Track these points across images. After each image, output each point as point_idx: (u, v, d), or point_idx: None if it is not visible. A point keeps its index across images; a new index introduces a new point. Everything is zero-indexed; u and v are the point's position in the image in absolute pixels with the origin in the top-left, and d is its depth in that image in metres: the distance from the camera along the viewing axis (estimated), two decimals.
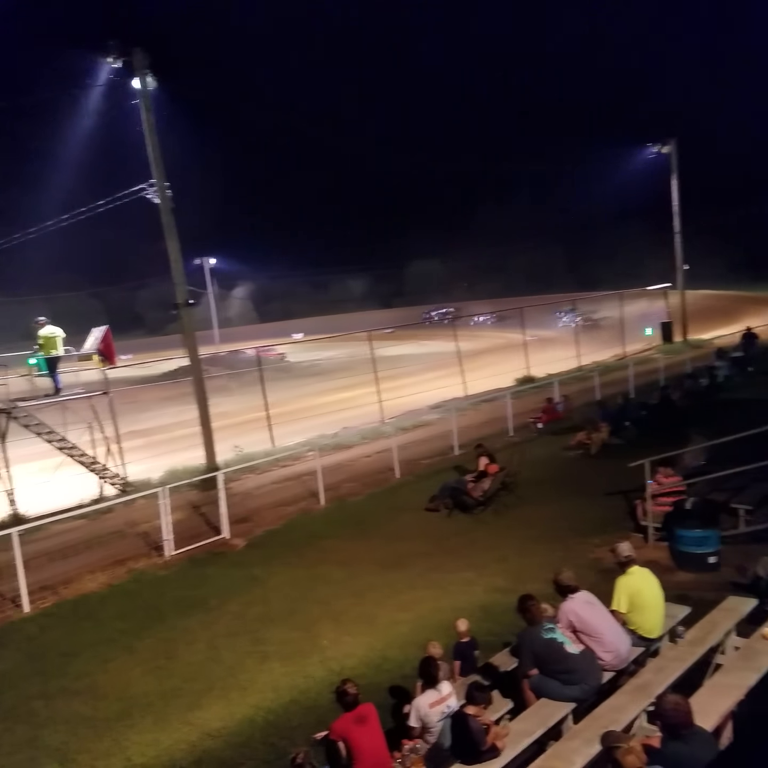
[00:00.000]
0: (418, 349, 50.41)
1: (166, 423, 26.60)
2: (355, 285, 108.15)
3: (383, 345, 31.05)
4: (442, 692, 5.85)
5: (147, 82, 17.04)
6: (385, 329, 47.98)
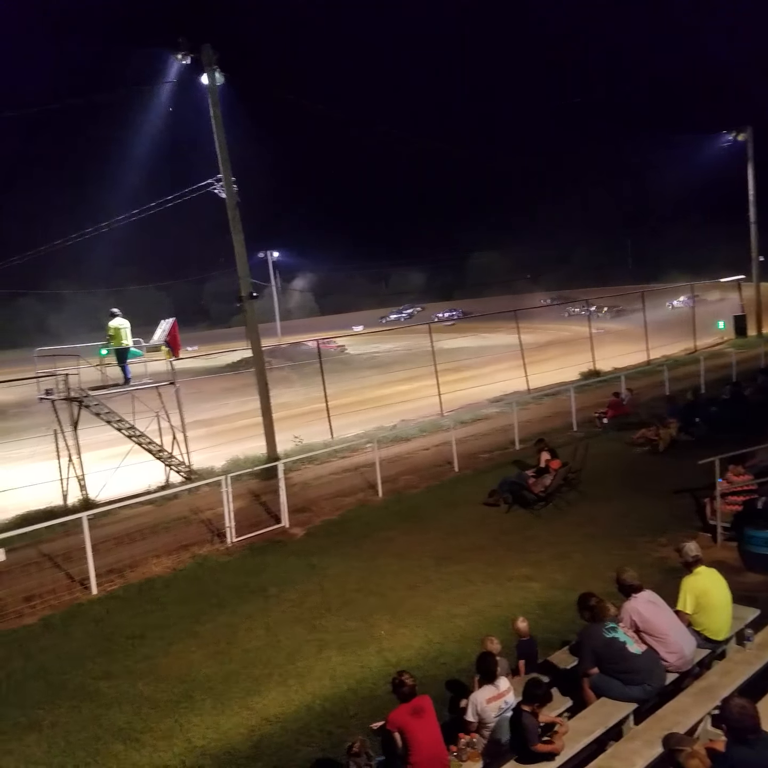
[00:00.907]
0: (478, 341, 49.98)
1: (229, 413, 27.22)
2: (415, 277, 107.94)
3: (443, 337, 30.92)
4: (499, 688, 5.80)
5: (215, 77, 17.38)
6: (445, 321, 47.84)
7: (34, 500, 15.67)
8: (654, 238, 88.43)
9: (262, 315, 25.21)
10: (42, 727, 7.53)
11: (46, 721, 7.64)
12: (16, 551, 11.32)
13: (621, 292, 53.63)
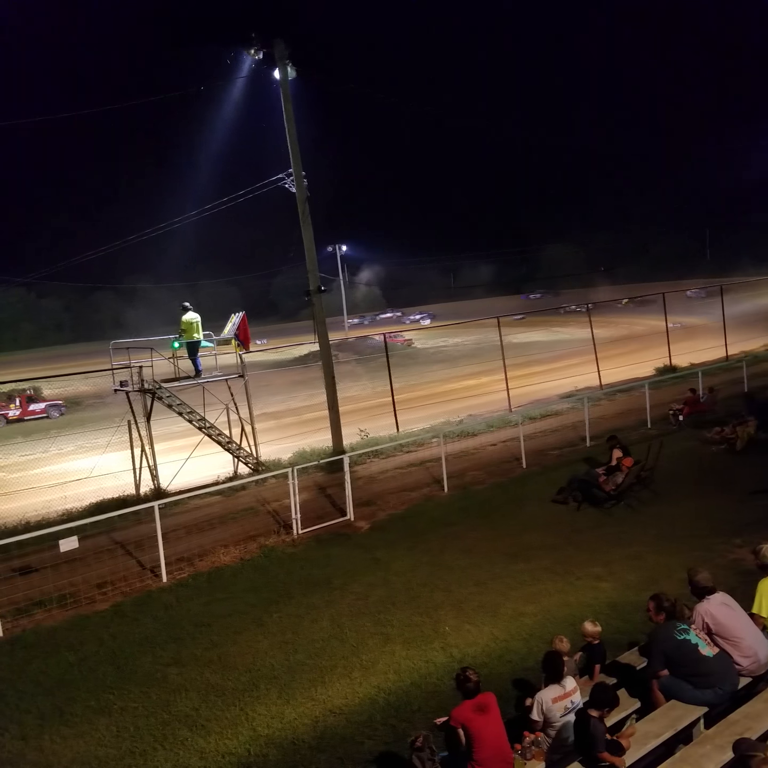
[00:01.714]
0: (549, 336, 49.10)
1: (296, 406, 27.66)
2: (484, 270, 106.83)
3: (513, 332, 30.52)
4: (566, 687, 5.70)
5: (287, 72, 17.61)
6: (515, 315, 47.11)
7: (109, 489, 16.32)
8: (733, 230, 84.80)
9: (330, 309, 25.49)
10: (112, 711, 7.81)
11: (116, 705, 7.93)
12: (89, 539, 11.80)
13: (696, 286, 51.73)
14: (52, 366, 50.06)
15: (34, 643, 9.73)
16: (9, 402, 36.71)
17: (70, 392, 39.33)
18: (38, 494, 17.45)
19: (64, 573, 11.33)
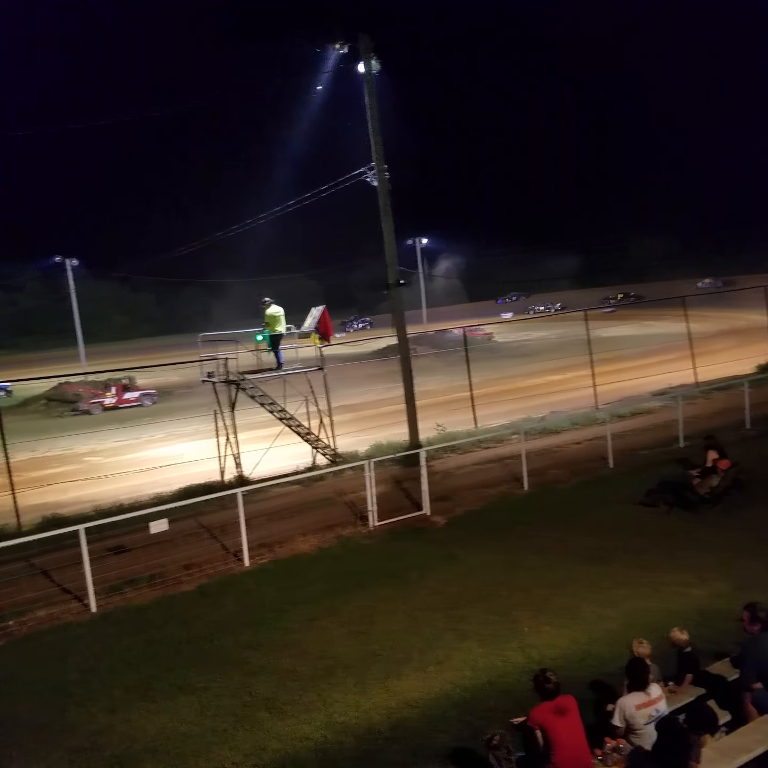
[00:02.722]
0: (641, 330, 47.50)
1: (374, 399, 27.84)
2: (569, 262, 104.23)
3: (601, 325, 29.63)
4: (651, 695, 5.52)
5: (371, 65, 17.70)
6: (604, 308, 45.86)
7: (196, 475, 16.96)
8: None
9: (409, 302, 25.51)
10: (194, 690, 8.09)
11: (198, 684, 8.21)
12: (178, 522, 12.28)
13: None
14: (145, 357, 52.32)
15: (123, 619, 10.25)
16: (105, 390, 38.71)
17: (162, 382, 41.10)
18: (131, 478, 18.37)
19: (153, 554, 11.90)
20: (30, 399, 41.47)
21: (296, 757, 6.73)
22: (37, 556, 12.12)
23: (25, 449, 21.48)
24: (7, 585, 11.03)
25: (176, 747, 7.04)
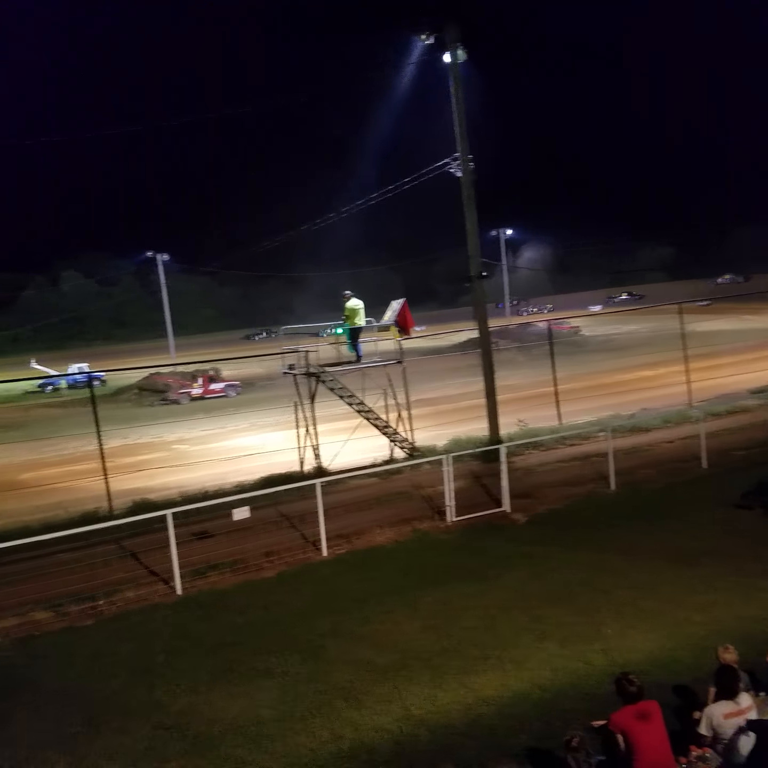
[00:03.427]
0: (738, 324, 45.32)
1: (453, 393, 27.72)
2: (661, 253, 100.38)
3: (696, 319, 28.38)
4: (740, 704, 5.30)
5: (458, 55, 17.65)
6: (699, 301, 44.04)
7: (276, 464, 17.40)
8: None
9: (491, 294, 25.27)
10: (274, 675, 8.33)
11: (278, 669, 8.44)
12: (259, 510, 12.61)
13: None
14: (230, 349, 54.03)
15: (207, 603, 10.65)
16: (193, 381, 40.29)
17: (245, 373, 42.35)
18: (215, 466, 19.04)
19: (235, 540, 12.31)
20: (123, 388, 43.65)
21: (372, 747, 6.84)
22: (127, 538, 12.77)
23: (117, 436, 22.62)
24: (99, 566, 11.69)
25: (255, 730, 7.27)
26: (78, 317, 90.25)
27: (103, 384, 43.99)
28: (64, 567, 11.54)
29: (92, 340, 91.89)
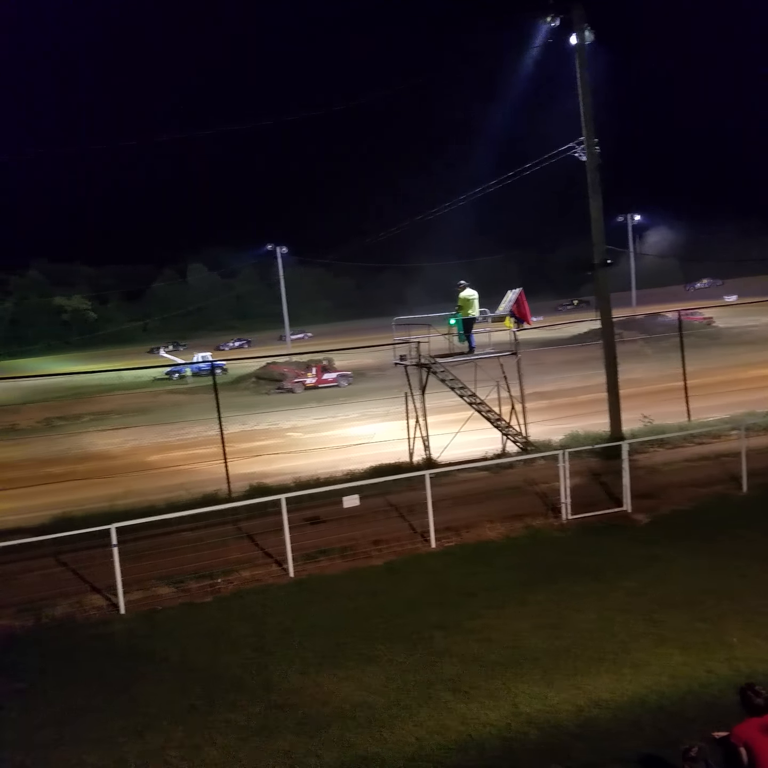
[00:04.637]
0: None
1: (571, 386, 27.09)
2: None
3: None
4: None
5: (584, 36, 17.34)
6: None
7: (386, 455, 17.66)
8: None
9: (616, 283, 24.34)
10: (381, 662, 8.50)
11: (384, 657, 8.60)
12: (367, 499, 12.87)
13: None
14: (343, 340, 55.20)
15: (317, 587, 11.02)
16: (307, 371, 41.65)
17: (357, 364, 43.23)
18: (327, 454, 19.62)
19: (345, 527, 12.66)
20: (242, 377, 45.77)
21: (479, 741, 6.87)
22: (243, 520, 13.39)
23: (236, 422, 23.79)
24: (217, 545, 12.34)
25: (362, 715, 7.46)
26: (202, 308, 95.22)
27: (225, 372, 46.23)
28: (185, 545, 12.26)
29: (215, 330, 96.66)
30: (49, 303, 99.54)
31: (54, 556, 12.40)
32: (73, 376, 45.20)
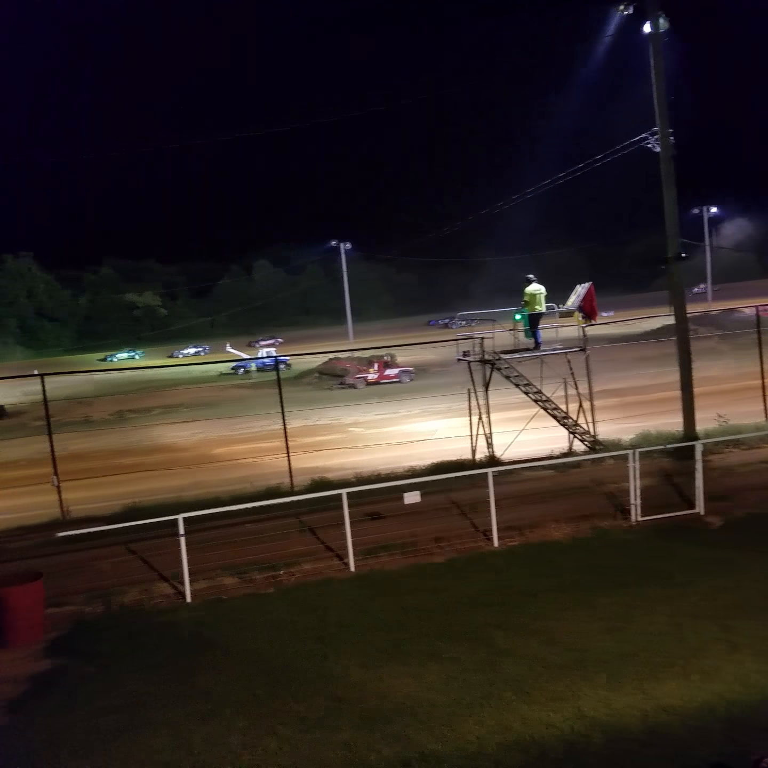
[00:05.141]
0: None
1: (642, 384, 26.47)
2: None
3: None
4: None
5: (659, 24, 17.09)
6: None
7: (447, 451, 17.65)
8: None
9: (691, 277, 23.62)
10: (442, 660, 8.47)
11: (445, 655, 8.57)
12: (429, 495, 12.85)
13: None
14: (405, 335, 55.38)
15: (378, 582, 11.09)
16: (369, 366, 41.95)
17: (419, 360, 43.29)
18: (388, 450, 19.73)
19: (405, 523, 12.71)
20: (305, 372, 46.46)
21: (541, 743, 6.78)
22: (305, 514, 13.60)
23: (299, 417, 24.12)
24: (280, 538, 12.59)
25: (423, 712, 7.44)
26: (267, 304, 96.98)
27: (288, 367, 46.99)
28: (249, 537, 12.55)
29: (280, 326, 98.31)
30: (122, 299, 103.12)
31: (124, 544, 12.87)
32: (144, 370, 46.76)
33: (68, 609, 10.83)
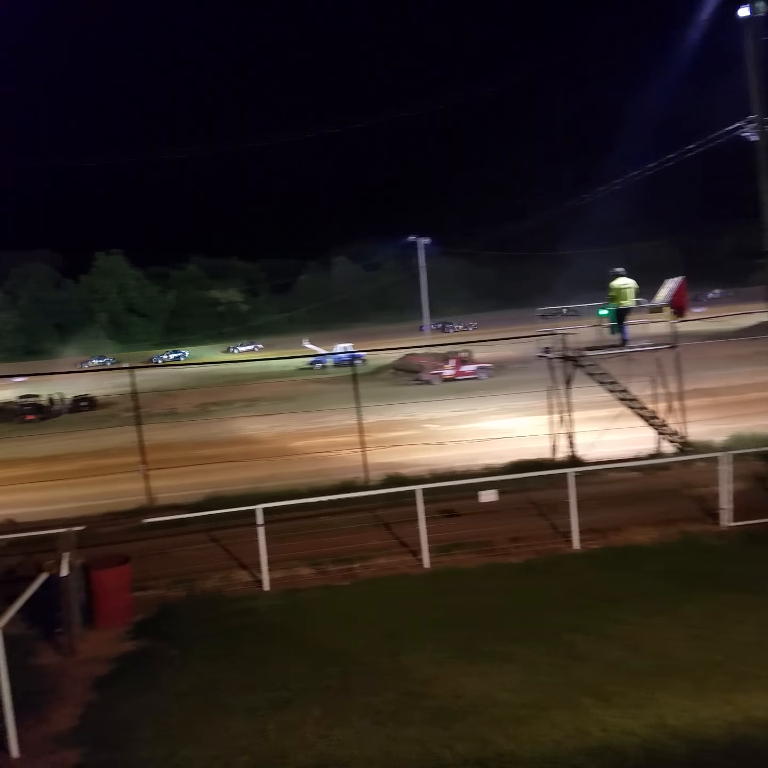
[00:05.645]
0: None
1: (738, 384, 25.44)
2: None
3: None
4: None
5: (756, 8, 16.58)
6: None
7: (526, 450, 17.43)
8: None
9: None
10: (517, 661, 8.41)
11: (521, 656, 8.50)
12: (506, 494, 12.72)
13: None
14: (484, 331, 54.92)
15: (451, 580, 11.06)
16: (445, 363, 41.86)
17: (497, 356, 42.85)
18: (464, 447, 19.66)
19: (481, 522, 12.64)
20: (380, 368, 46.79)
21: (620, 749, 6.66)
22: (380, 509, 13.70)
23: (374, 412, 24.30)
24: (354, 531, 12.74)
25: (497, 711, 7.42)
26: (345, 300, 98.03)
27: (364, 363, 47.42)
28: (324, 529, 12.79)
29: (357, 321, 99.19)
30: (206, 296, 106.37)
31: (205, 531, 13.32)
32: (229, 364, 48.06)
33: (152, 593, 11.31)
